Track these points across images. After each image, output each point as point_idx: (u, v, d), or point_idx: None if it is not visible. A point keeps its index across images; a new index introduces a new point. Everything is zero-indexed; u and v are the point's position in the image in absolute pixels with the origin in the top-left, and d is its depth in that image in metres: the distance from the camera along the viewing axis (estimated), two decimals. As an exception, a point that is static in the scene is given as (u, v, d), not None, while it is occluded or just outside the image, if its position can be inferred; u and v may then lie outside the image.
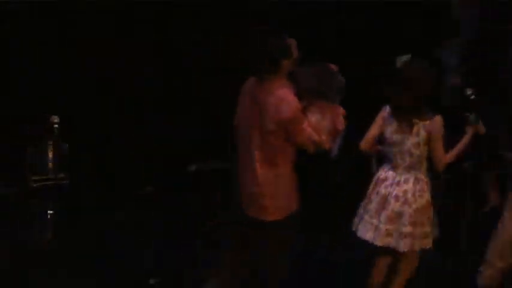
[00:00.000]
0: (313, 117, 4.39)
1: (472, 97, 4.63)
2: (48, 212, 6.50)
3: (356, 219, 4.70)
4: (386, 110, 4.62)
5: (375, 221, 4.55)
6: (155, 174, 7.65)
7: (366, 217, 4.60)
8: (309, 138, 4.32)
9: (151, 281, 5.51)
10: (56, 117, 6.49)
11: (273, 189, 4.32)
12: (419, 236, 4.50)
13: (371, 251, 4.90)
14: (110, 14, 7.85)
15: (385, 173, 4.58)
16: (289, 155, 4.36)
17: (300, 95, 4.34)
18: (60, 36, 7.75)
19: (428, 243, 4.57)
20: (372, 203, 4.59)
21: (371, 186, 4.66)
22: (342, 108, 4.47)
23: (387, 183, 4.54)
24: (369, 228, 4.56)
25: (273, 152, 4.31)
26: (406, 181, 4.50)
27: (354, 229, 4.68)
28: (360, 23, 7.98)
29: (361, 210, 4.69)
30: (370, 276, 4.78)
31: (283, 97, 4.24)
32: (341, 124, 4.43)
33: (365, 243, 4.85)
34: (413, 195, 4.47)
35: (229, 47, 7.98)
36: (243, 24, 7.97)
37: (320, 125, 4.38)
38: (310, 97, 4.42)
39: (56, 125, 6.50)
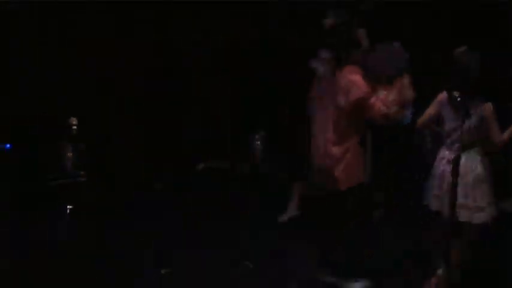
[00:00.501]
0: (381, 94, 5.01)
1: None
2: (67, 207, 6.82)
3: (427, 195, 5.20)
4: (443, 95, 5.08)
5: (439, 193, 5.07)
6: (155, 174, 7.70)
7: (434, 191, 5.13)
8: (379, 113, 4.98)
9: (163, 271, 5.64)
10: (74, 118, 6.75)
11: (343, 161, 5.00)
12: (473, 208, 4.95)
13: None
14: (109, 14, 7.88)
15: (443, 152, 5.11)
16: (358, 131, 5.06)
17: (369, 75, 5.00)
18: (60, 36, 7.77)
19: (483, 217, 4.97)
20: (435, 178, 5.11)
21: (435, 164, 5.15)
22: (407, 78, 5.08)
23: (444, 161, 5.05)
24: (436, 200, 5.10)
25: (344, 128, 5.01)
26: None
27: (425, 203, 5.18)
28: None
29: (429, 186, 5.18)
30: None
31: (353, 80, 4.95)
32: (409, 93, 5.06)
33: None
34: (465, 171, 4.90)
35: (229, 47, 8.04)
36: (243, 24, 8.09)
37: (388, 99, 5.00)
38: (378, 75, 5.05)
39: (74, 126, 6.76)
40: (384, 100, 5.02)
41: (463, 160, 4.88)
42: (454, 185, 4.60)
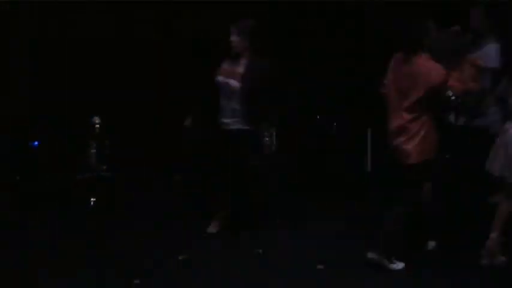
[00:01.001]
0: (455, 74, 5.59)
1: (453, 98, 5.45)
2: (91, 199, 7.02)
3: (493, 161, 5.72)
4: None
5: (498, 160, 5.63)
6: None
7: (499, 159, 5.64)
8: (459, 90, 5.59)
9: (180, 257, 5.76)
10: (97, 117, 6.94)
11: (418, 136, 5.47)
12: None
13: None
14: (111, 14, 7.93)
15: (508, 125, 5.62)
16: (431, 108, 5.50)
17: (439, 59, 5.52)
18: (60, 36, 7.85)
19: None
20: (501, 148, 5.61)
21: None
22: (475, 59, 5.73)
23: (508, 133, 5.59)
24: (498, 165, 5.62)
25: (420, 107, 5.46)
26: None
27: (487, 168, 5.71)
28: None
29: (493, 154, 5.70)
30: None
31: (432, 67, 5.44)
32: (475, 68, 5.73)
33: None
34: None
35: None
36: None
37: (463, 77, 5.60)
38: (448, 58, 5.61)
39: (98, 125, 6.96)
40: (459, 79, 5.61)
41: None
42: None
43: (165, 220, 6.63)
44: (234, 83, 6.04)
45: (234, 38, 6.04)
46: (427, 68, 5.43)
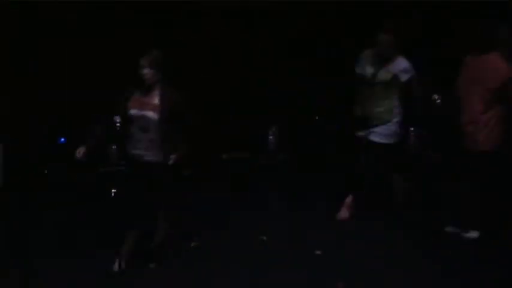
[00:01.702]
0: None
1: (438, 101, 5.85)
2: (112, 190, 7.50)
3: None
4: None
5: None
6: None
7: None
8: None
9: (192, 244, 6.19)
10: (118, 117, 7.33)
11: (488, 127, 6.20)
12: None
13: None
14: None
15: None
16: (502, 102, 6.18)
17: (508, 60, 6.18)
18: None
19: None
20: None
21: None
22: None
23: None
24: None
25: (490, 100, 6.16)
26: None
27: None
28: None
29: None
30: None
31: (499, 66, 6.16)
32: None
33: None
34: None
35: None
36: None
37: None
38: None
39: (118, 124, 7.32)
40: None
41: None
42: None
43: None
44: (152, 114, 5.79)
45: (145, 71, 5.76)
46: (495, 66, 6.13)
